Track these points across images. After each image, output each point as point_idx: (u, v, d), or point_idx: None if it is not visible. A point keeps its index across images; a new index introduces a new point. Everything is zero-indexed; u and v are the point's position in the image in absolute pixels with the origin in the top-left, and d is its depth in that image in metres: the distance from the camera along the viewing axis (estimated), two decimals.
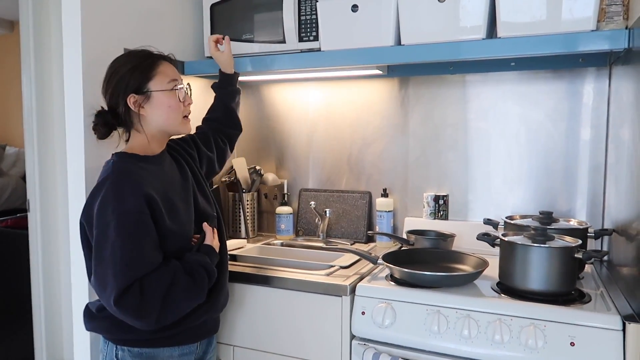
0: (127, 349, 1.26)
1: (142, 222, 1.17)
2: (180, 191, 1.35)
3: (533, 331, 1.21)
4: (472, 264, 1.52)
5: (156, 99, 1.29)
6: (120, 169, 1.23)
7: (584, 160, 1.75)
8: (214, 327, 1.44)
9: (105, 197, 1.17)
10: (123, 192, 1.17)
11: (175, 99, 1.30)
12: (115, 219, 1.14)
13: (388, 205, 1.96)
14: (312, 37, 1.74)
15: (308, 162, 2.17)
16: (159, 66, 1.30)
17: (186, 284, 1.19)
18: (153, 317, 1.15)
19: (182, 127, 1.35)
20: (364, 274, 1.55)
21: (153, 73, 1.28)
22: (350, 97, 2.07)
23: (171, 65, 1.35)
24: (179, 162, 1.42)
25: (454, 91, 1.91)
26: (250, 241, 2.04)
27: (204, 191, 1.45)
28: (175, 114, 1.31)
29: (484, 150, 1.88)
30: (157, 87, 1.28)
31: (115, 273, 1.12)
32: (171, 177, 1.35)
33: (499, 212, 1.85)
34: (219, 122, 1.69)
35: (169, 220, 1.23)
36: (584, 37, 1.37)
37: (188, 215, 1.32)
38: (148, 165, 1.28)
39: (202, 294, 1.25)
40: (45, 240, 2.49)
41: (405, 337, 1.35)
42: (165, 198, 1.25)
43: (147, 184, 1.21)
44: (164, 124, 1.31)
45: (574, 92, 1.75)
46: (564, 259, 1.29)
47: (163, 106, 1.29)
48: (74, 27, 1.51)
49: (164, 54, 1.35)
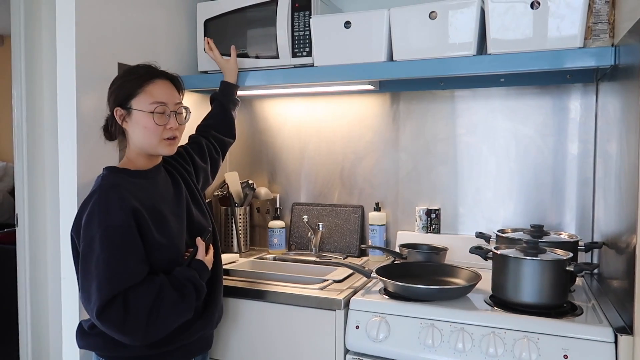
0: None
1: (128, 235, 1.16)
2: (172, 204, 1.34)
3: (527, 344, 1.22)
4: (465, 277, 1.53)
5: (135, 116, 1.28)
6: (108, 183, 1.23)
7: (573, 175, 1.78)
8: (208, 343, 1.43)
9: (91, 211, 1.18)
10: (109, 206, 1.18)
11: (152, 122, 1.27)
12: (100, 232, 1.14)
13: (381, 219, 1.97)
14: (305, 53, 1.76)
15: (300, 176, 2.17)
16: (148, 85, 1.28)
17: (173, 299, 1.18)
18: (139, 332, 1.13)
19: (162, 149, 1.31)
20: (358, 287, 1.55)
21: (139, 91, 1.28)
22: (342, 112, 2.09)
23: (167, 86, 1.32)
24: (173, 177, 1.42)
25: (445, 106, 1.94)
26: (243, 255, 2.03)
27: (199, 205, 1.45)
28: (151, 135, 1.28)
29: (475, 164, 1.90)
30: (138, 105, 1.27)
31: (98, 286, 1.12)
32: (163, 191, 1.34)
33: (490, 225, 1.86)
34: (216, 129, 1.70)
35: (157, 233, 1.23)
36: (571, 54, 1.41)
37: (179, 229, 1.32)
38: (138, 180, 1.29)
39: (190, 309, 1.23)
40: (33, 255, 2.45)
41: (400, 351, 1.34)
42: (153, 210, 1.25)
43: (133, 198, 1.21)
44: (141, 143, 1.30)
45: (562, 107, 1.78)
46: (555, 272, 1.30)
47: (139, 125, 1.28)
48: (68, 41, 1.51)
49: (166, 74, 1.34)
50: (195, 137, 1.66)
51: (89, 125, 1.54)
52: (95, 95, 1.55)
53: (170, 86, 1.33)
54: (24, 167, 2.44)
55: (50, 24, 2.35)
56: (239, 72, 1.81)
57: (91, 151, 1.54)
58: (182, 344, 1.28)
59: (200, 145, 1.62)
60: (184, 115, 1.34)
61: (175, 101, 1.32)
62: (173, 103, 1.31)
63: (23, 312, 2.45)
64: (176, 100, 1.33)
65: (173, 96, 1.32)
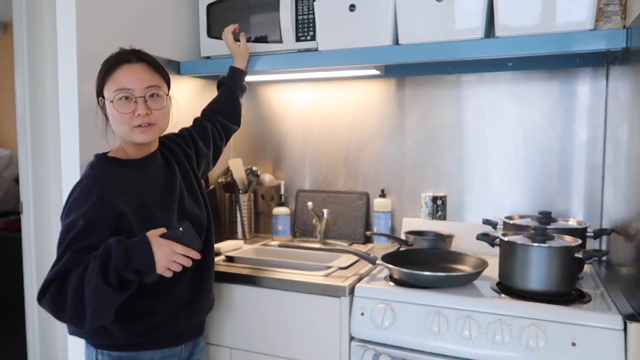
0: (107, 352, 1.23)
1: (93, 227, 1.11)
2: (161, 198, 1.28)
3: (534, 331, 1.21)
4: (472, 264, 1.51)
5: (107, 106, 1.24)
6: (94, 175, 1.21)
7: (581, 161, 1.75)
8: (199, 330, 1.40)
9: (72, 201, 1.16)
10: (88, 200, 1.14)
11: (115, 110, 1.21)
12: (71, 222, 1.12)
13: (386, 206, 1.95)
14: (309, 37, 1.73)
15: (305, 163, 2.15)
16: (114, 71, 1.22)
17: (96, 283, 1.04)
18: (71, 315, 1.06)
19: (134, 137, 1.23)
20: (363, 274, 1.54)
21: (107, 79, 1.23)
22: (346, 97, 2.06)
23: (136, 69, 1.22)
24: (169, 164, 1.36)
25: (451, 91, 1.91)
26: (247, 242, 2.03)
27: (194, 194, 1.39)
28: (120, 124, 1.22)
29: (482, 150, 1.87)
30: (107, 94, 1.23)
31: (49, 271, 1.10)
32: (154, 182, 1.29)
33: (497, 212, 1.84)
34: (222, 114, 1.66)
35: (141, 229, 1.17)
36: (582, 37, 1.37)
37: (165, 223, 1.22)
38: (127, 170, 1.25)
39: (111, 296, 1.05)
40: (38, 243, 2.46)
41: (405, 338, 1.34)
42: (138, 205, 1.21)
43: (119, 193, 1.18)
44: (117, 132, 1.26)
45: (571, 92, 1.75)
46: (564, 259, 1.28)
47: (109, 115, 1.24)
48: (69, 27, 1.49)
49: (138, 55, 1.25)
50: (200, 121, 1.60)
51: (91, 111, 1.51)
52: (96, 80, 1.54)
53: (142, 69, 1.24)
54: (28, 154, 2.43)
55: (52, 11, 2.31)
56: None
57: (93, 137, 1.52)
58: (169, 332, 1.26)
59: (205, 130, 1.56)
60: (163, 98, 1.25)
61: (145, 85, 1.22)
62: (142, 87, 1.22)
63: (30, 299, 2.46)
64: (147, 83, 1.23)
65: (143, 80, 1.22)
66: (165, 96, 1.27)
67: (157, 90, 1.25)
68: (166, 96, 1.27)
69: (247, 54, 1.76)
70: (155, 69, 1.27)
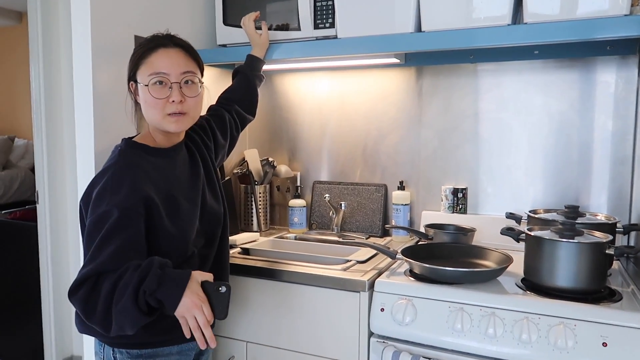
0: (126, 351, 1.18)
1: (131, 220, 1.07)
2: (187, 190, 1.26)
3: (563, 330, 1.16)
4: (495, 260, 1.46)
5: (140, 90, 1.20)
6: (125, 161, 1.16)
7: (609, 153, 1.68)
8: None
9: (104, 187, 1.10)
10: (121, 186, 1.10)
11: (149, 95, 1.17)
12: (106, 211, 1.07)
13: (405, 198, 1.91)
14: (328, 24, 1.68)
15: (321, 154, 2.11)
16: (150, 55, 1.18)
17: (126, 298, 0.98)
18: (99, 319, 1.01)
19: (167, 126, 1.19)
20: (382, 269, 1.50)
21: (141, 62, 1.19)
22: (365, 87, 2.01)
23: (172, 54, 1.19)
24: (193, 156, 1.33)
25: (473, 81, 1.85)
26: (263, 234, 2.00)
27: (214, 188, 1.36)
28: (152, 110, 1.18)
29: (504, 142, 1.81)
30: (140, 78, 1.19)
31: (84, 264, 1.05)
32: (180, 174, 1.26)
33: (519, 205, 1.79)
34: (239, 103, 1.60)
35: (169, 221, 1.15)
36: (615, 23, 1.30)
37: (191, 216, 1.23)
38: (156, 159, 1.21)
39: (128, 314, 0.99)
40: (54, 232, 2.46)
41: (427, 335, 1.30)
42: (167, 197, 1.18)
43: (149, 180, 1.14)
44: (148, 119, 1.22)
45: (600, 81, 1.68)
46: (594, 255, 1.23)
47: (142, 100, 1.20)
48: (83, 15, 1.47)
49: (174, 40, 1.22)
50: (217, 110, 1.55)
51: (106, 99, 1.50)
52: (111, 68, 1.51)
53: (178, 54, 1.20)
54: (43, 143, 2.43)
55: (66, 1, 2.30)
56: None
57: (108, 126, 1.51)
58: (180, 334, 1.06)
59: (222, 119, 1.52)
60: (197, 86, 1.22)
61: (181, 70, 1.18)
62: (178, 73, 1.18)
63: (45, 287, 2.47)
64: (183, 69, 1.19)
65: (179, 65, 1.19)
66: (199, 84, 1.23)
67: (192, 77, 1.21)
68: (200, 84, 1.23)
69: (267, 43, 1.71)
70: (191, 55, 1.23)
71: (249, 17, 1.71)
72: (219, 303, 1.03)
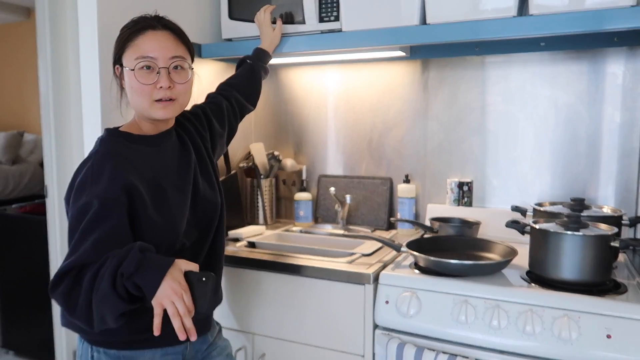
0: (103, 350, 1.12)
1: (112, 210, 1.02)
2: (176, 178, 1.18)
3: (567, 322, 1.16)
4: (500, 252, 1.46)
5: (125, 75, 1.13)
6: (105, 149, 1.10)
7: (616, 145, 1.67)
8: (205, 326, 1.26)
9: (83, 179, 1.06)
10: (101, 176, 1.05)
11: (135, 81, 1.10)
12: (86, 202, 1.02)
13: (410, 192, 1.91)
14: (333, 18, 1.68)
15: (327, 147, 2.12)
16: (137, 37, 1.12)
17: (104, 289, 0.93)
18: (81, 313, 0.95)
19: (153, 112, 1.13)
20: (387, 262, 1.51)
21: (127, 45, 1.12)
22: (370, 80, 2.01)
23: (161, 37, 1.12)
24: (184, 144, 1.25)
25: (479, 73, 1.84)
26: (269, 228, 2.01)
27: (209, 177, 1.29)
28: (139, 97, 1.12)
29: (510, 134, 1.81)
30: (126, 62, 1.12)
31: (65, 257, 0.99)
32: (168, 161, 1.19)
33: (525, 198, 1.79)
34: (240, 90, 1.56)
35: (154, 209, 1.10)
36: (624, 14, 1.29)
37: (181, 206, 1.16)
38: (140, 147, 1.15)
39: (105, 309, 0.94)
40: (63, 226, 2.48)
41: (431, 327, 1.30)
42: (153, 185, 1.12)
43: (132, 168, 1.09)
44: (134, 105, 1.15)
45: (607, 73, 1.67)
46: (599, 248, 1.23)
47: (127, 85, 1.13)
48: (90, 8, 1.48)
49: (163, 22, 1.15)
50: (214, 97, 1.48)
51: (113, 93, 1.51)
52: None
53: (167, 37, 1.14)
54: (52, 139, 2.45)
55: None
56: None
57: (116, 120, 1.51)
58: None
59: (219, 107, 1.44)
60: (187, 71, 1.15)
61: (170, 55, 1.12)
62: (166, 57, 1.11)
63: None
64: (172, 53, 1.12)
65: (167, 49, 1.12)
66: (189, 70, 1.17)
67: (181, 62, 1.15)
68: (190, 70, 1.18)
69: (279, 39, 1.69)
70: (181, 38, 1.17)
71: (264, 9, 1.69)
72: (202, 294, 0.95)
